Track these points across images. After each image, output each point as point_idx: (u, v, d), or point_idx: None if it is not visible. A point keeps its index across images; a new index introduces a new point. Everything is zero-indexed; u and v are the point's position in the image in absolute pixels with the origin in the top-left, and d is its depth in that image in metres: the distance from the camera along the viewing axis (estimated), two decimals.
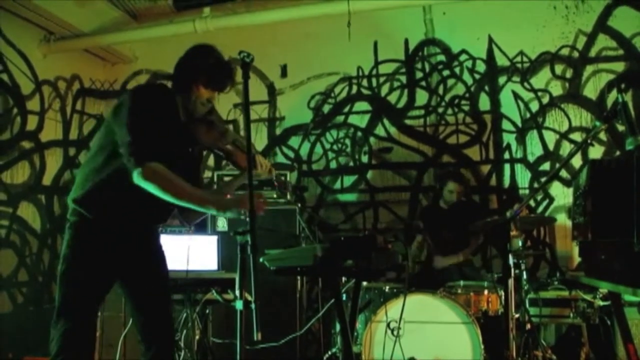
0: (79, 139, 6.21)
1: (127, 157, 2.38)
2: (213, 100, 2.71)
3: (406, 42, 5.68)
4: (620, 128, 4.86)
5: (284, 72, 5.97)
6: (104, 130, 2.56)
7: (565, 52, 5.27)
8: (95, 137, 2.66)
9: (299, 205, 4.78)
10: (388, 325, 3.61)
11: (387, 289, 4.02)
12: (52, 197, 5.79)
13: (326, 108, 5.85)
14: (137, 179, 2.37)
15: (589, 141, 2.39)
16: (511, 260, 2.83)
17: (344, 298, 3.77)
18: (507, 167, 5.37)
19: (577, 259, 4.89)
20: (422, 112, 5.61)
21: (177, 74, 2.66)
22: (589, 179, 2.18)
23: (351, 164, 5.75)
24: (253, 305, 2.10)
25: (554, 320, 4.23)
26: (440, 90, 5.58)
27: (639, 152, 2.02)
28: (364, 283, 4.04)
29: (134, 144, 2.38)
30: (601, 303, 3.90)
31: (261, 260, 2.42)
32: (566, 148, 5.21)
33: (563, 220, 5.03)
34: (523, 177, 5.32)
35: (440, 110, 5.56)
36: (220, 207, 2.41)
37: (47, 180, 5.73)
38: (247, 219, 2.23)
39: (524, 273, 4.01)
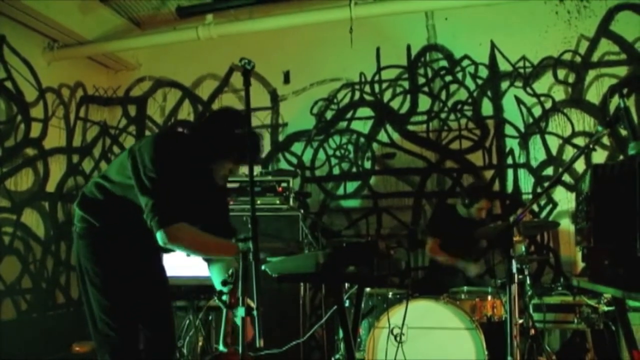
0: (82, 145, 6.23)
1: (150, 219, 2.38)
2: (234, 170, 2.71)
3: (408, 47, 5.69)
4: (624, 133, 4.86)
5: (286, 79, 5.99)
6: (123, 166, 2.55)
7: (567, 57, 5.27)
8: (117, 163, 2.64)
9: (302, 211, 4.78)
10: (391, 331, 3.60)
11: (390, 295, 4.01)
12: (56, 204, 5.80)
13: (329, 114, 5.85)
14: (162, 241, 2.38)
15: (590, 146, 2.38)
16: (514, 266, 2.82)
17: (347, 304, 3.76)
18: (510, 172, 5.36)
19: (581, 264, 4.88)
20: (425, 117, 5.61)
21: (204, 142, 2.58)
22: (591, 184, 2.17)
23: (354, 169, 5.75)
24: (255, 312, 2.10)
25: (558, 326, 4.21)
26: (443, 96, 5.59)
27: None
28: (367, 289, 4.03)
29: (156, 206, 2.38)
30: (605, 308, 3.88)
31: (263, 267, 2.42)
32: (569, 153, 5.20)
33: (567, 225, 5.01)
34: (526, 182, 5.31)
35: (443, 115, 5.56)
36: None
37: (50, 187, 5.75)
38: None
39: (528, 278, 4.00)
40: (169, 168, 2.44)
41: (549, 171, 5.24)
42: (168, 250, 2.74)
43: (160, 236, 2.37)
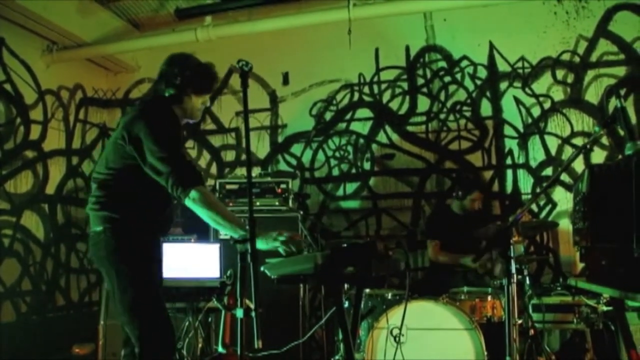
0: (81, 147, 6.24)
1: (173, 187, 2.51)
2: (206, 103, 2.89)
3: (407, 48, 5.70)
4: (623, 132, 4.85)
5: (285, 80, 5.99)
6: (125, 153, 2.64)
7: (566, 57, 5.27)
8: (115, 153, 2.70)
9: (301, 212, 4.78)
10: (390, 332, 3.60)
11: (389, 295, 4.01)
12: (56, 206, 5.80)
13: (328, 115, 5.86)
14: (190, 203, 2.51)
15: (587, 146, 2.39)
16: (513, 266, 2.82)
17: (347, 305, 3.76)
18: (509, 172, 5.36)
19: (580, 264, 4.88)
20: (424, 118, 5.61)
21: (167, 89, 2.79)
22: (588, 184, 2.17)
23: (353, 170, 5.75)
24: (253, 314, 2.11)
25: (557, 326, 4.21)
26: (442, 97, 5.59)
27: (638, 157, 2.02)
28: (367, 290, 4.03)
29: (175, 172, 2.51)
30: (604, 308, 3.87)
31: (262, 268, 2.42)
32: (568, 153, 5.20)
33: (566, 225, 5.01)
34: (525, 182, 5.31)
35: (442, 116, 5.56)
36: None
37: (50, 189, 5.75)
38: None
39: (527, 279, 4.00)
40: (171, 139, 2.61)
41: (548, 171, 5.24)
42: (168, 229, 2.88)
43: (189, 199, 2.50)
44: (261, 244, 2.46)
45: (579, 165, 4.99)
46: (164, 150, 2.53)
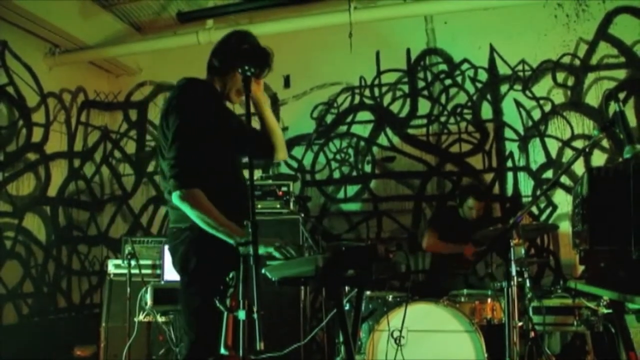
0: (83, 150, 6.26)
1: (169, 176, 2.39)
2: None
3: (408, 51, 5.71)
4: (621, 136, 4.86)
5: (286, 83, 6.01)
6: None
7: (566, 60, 5.29)
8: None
9: (302, 215, 4.79)
10: (391, 334, 3.61)
11: (390, 298, 4.02)
12: (57, 209, 5.82)
13: (329, 118, 5.88)
14: (176, 199, 2.38)
15: (587, 149, 2.41)
16: (513, 269, 2.82)
17: (348, 307, 3.77)
18: (510, 175, 5.37)
19: (580, 267, 4.88)
20: (425, 121, 5.63)
21: (216, 59, 2.68)
22: (587, 187, 2.19)
23: (354, 173, 5.77)
24: (255, 315, 2.11)
25: (558, 329, 4.21)
26: (443, 100, 5.60)
27: (636, 160, 2.04)
28: (368, 292, 4.04)
29: (178, 163, 2.38)
30: (605, 311, 3.88)
31: (263, 271, 2.43)
32: (569, 155, 5.21)
33: (567, 228, 5.01)
34: (526, 185, 5.32)
35: (443, 119, 5.58)
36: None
37: (52, 191, 5.77)
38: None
39: (527, 281, 4.01)
40: (198, 122, 2.45)
41: (549, 174, 5.25)
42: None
43: (175, 195, 2.37)
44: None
45: (579, 167, 5.00)
46: (179, 137, 2.40)
